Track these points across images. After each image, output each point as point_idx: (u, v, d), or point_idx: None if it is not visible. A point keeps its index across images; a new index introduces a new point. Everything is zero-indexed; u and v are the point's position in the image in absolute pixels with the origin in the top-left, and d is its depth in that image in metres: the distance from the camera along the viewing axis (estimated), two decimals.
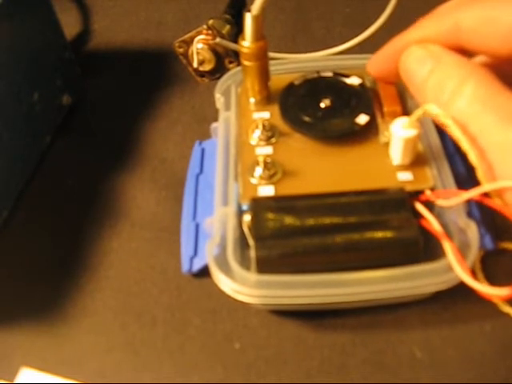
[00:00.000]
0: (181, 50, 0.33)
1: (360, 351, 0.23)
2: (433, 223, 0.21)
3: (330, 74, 0.27)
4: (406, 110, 0.25)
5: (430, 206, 0.22)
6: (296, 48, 0.35)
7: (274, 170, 0.23)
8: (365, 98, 0.25)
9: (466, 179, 0.23)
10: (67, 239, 0.27)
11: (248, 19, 0.23)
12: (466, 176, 0.24)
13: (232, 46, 0.32)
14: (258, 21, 0.24)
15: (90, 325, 0.24)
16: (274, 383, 0.22)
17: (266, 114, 0.26)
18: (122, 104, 0.34)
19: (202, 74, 0.34)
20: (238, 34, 0.25)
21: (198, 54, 0.32)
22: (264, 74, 0.26)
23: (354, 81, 0.26)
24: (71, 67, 0.33)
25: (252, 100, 0.27)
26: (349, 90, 0.26)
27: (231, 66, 0.33)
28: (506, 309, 0.23)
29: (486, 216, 0.24)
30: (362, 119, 0.24)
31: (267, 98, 0.27)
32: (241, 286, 0.21)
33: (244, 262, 0.21)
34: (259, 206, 0.22)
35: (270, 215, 0.22)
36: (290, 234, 0.21)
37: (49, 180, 0.30)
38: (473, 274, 0.20)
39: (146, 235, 0.27)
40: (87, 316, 0.24)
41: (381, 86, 0.25)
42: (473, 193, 0.19)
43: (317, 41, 0.36)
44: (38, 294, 0.25)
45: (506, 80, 0.18)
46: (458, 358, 0.22)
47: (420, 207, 0.22)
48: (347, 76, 0.26)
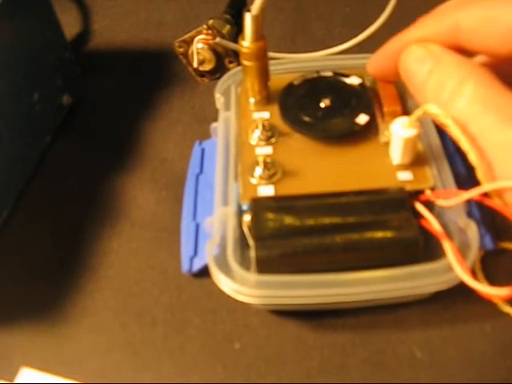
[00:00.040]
0: (181, 50, 0.33)
1: (360, 351, 0.23)
2: (433, 223, 0.21)
3: (329, 73, 0.27)
4: (406, 109, 0.25)
5: (430, 205, 0.22)
6: (296, 48, 0.35)
7: (273, 170, 0.23)
8: (365, 98, 0.25)
9: (466, 179, 0.23)
10: (67, 239, 0.27)
11: (248, 19, 0.23)
12: (466, 176, 0.24)
13: (232, 45, 0.32)
14: (257, 21, 0.24)
15: (90, 325, 0.24)
16: (274, 383, 0.22)
17: (265, 114, 0.26)
18: (121, 104, 0.34)
19: (201, 74, 0.34)
20: (237, 33, 0.25)
21: (198, 53, 0.32)
22: (264, 74, 0.26)
23: (353, 81, 0.26)
24: (71, 67, 0.33)
25: (252, 100, 0.27)
26: (349, 89, 0.26)
27: (231, 65, 0.33)
28: (506, 309, 0.23)
29: (486, 216, 0.24)
30: (362, 119, 0.24)
31: (267, 97, 0.27)
32: (241, 286, 0.21)
33: (244, 262, 0.21)
34: (259, 206, 0.22)
35: (270, 215, 0.22)
36: (290, 234, 0.21)
37: (49, 180, 0.30)
38: (473, 273, 0.19)
39: (146, 235, 0.27)
40: (87, 316, 0.24)
41: (381, 86, 0.25)
42: (473, 193, 0.19)
43: (316, 41, 0.36)
44: (38, 294, 0.25)
45: (506, 80, 0.18)
46: (457, 357, 0.22)
47: (420, 207, 0.22)
48: (347, 76, 0.26)
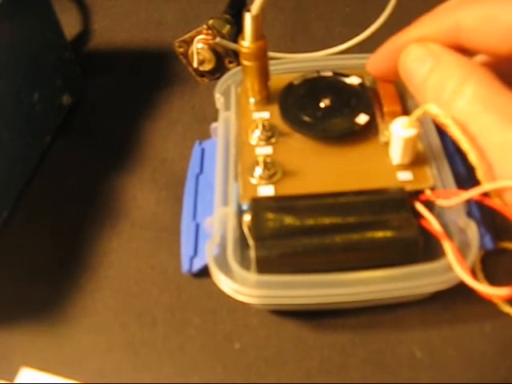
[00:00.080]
0: (181, 50, 0.33)
1: (360, 351, 0.23)
2: (433, 223, 0.21)
3: (329, 73, 0.27)
4: (405, 109, 0.25)
5: (430, 205, 0.22)
6: (296, 48, 0.35)
7: (273, 170, 0.23)
8: (365, 98, 0.25)
9: (465, 179, 0.23)
10: (67, 239, 0.27)
11: (247, 19, 0.23)
12: (465, 176, 0.24)
13: (232, 45, 0.32)
14: (257, 21, 0.24)
15: (90, 325, 0.24)
16: (274, 383, 0.22)
17: (265, 114, 0.26)
18: (122, 104, 0.34)
19: (202, 74, 0.34)
20: (237, 33, 0.25)
21: (198, 53, 0.32)
22: (264, 74, 0.26)
23: (353, 80, 0.26)
24: (71, 67, 0.33)
25: (252, 100, 0.27)
26: (349, 89, 0.26)
27: (231, 65, 0.33)
28: (506, 309, 0.23)
29: (486, 216, 0.24)
30: (362, 119, 0.24)
31: (267, 97, 0.27)
32: (241, 286, 0.21)
33: (244, 262, 0.21)
34: (259, 206, 0.22)
35: (270, 215, 0.22)
36: (290, 234, 0.21)
37: (49, 180, 0.30)
38: (473, 273, 0.19)
39: (146, 235, 0.27)
40: (87, 316, 0.24)
41: (381, 86, 0.25)
42: (473, 193, 0.19)
43: (316, 41, 0.36)
44: (38, 294, 0.25)
45: (506, 79, 0.18)
46: (458, 358, 0.22)
47: (420, 207, 0.22)
48: (347, 76, 0.26)
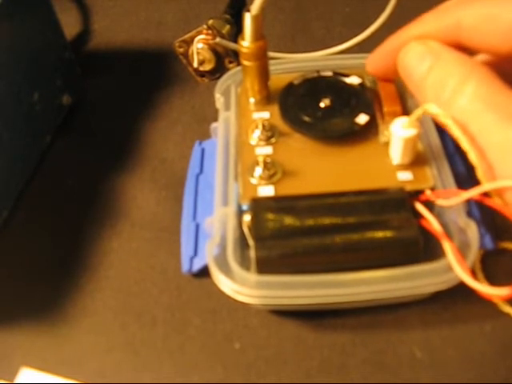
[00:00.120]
0: (181, 50, 0.33)
1: (360, 351, 0.23)
2: (433, 223, 0.21)
3: (329, 73, 0.27)
4: (405, 109, 0.25)
5: (430, 205, 0.22)
6: (295, 48, 0.35)
7: (273, 170, 0.23)
8: (365, 98, 0.25)
9: (465, 179, 0.23)
10: (67, 239, 0.27)
11: (247, 19, 0.23)
12: (465, 176, 0.24)
13: (232, 45, 0.32)
14: (257, 21, 0.23)
15: (90, 325, 0.24)
16: (274, 383, 0.22)
17: (265, 114, 0.26)
18: (121, 104, 0.33)
19: (202, 74, 0.34)
20: (237, 33, 0.25)
21: (198, 53, 0.32)
22: (264, 74, 0.26)
23: (353, 80, 0.26)
24: (71, 67, 0.33)
25: (252, 100, 0.27)
26: (349, 89, 0.26)
27: (231, 65, 0.33)
28: (506, 309, 0.23)
29: (486, 216, 0.24)
30: (362, 119, 0.24)
31: (267, 97, 0.27)
32: (241, 286, 0.21)
33: (244, 263, 0.21)
34: (259, 206, 0.22)
35: (270, 215, 0.22)
36: (290, 234, 0.21)
37: (49, 180, 0.30)
38: (473, 274, 0.19)
39: (146, 235, 0.27)
40: (87, 316, 0.24)
41: (381, 86, 0.25)
42: (473, 192, 0.19)
43: (316, 40, 0.36)
44: (38, 294, 0.25)
45: (507, 78, 0.18)
46: (458, 358, 0.22)
47: (420, 207, 0.22)
48: (347, 75, 0.26)
